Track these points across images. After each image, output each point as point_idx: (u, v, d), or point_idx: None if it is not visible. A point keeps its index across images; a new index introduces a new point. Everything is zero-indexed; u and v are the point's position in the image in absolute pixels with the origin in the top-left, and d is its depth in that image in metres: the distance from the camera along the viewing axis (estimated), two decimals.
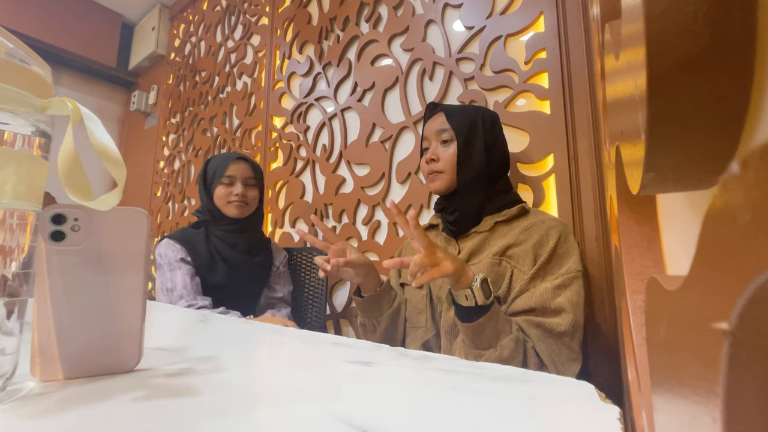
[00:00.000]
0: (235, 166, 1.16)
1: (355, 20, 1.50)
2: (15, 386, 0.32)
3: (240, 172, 1.17)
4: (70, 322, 0.34)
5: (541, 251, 0.72)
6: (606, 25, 0.37)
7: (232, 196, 1.15)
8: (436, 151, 0.83)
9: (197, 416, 0.26)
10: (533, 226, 0.75)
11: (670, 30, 0.13)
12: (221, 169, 1.15)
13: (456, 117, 0.82)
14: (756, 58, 0.11)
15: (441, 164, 0.81)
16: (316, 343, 0.48)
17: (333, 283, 1.43)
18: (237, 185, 1.15)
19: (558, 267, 0.71)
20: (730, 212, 0.09)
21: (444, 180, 0.81)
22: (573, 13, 0.99)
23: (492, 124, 0.83)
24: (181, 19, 2.65)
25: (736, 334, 0.08)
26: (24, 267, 0.30)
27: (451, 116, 0.82)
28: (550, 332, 0.65)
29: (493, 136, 0.82)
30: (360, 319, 0.89)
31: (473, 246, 0.78)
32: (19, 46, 0.28)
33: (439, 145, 0.83)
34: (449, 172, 0.80)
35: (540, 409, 0.28)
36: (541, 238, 0.73)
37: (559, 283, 0.68)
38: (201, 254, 1.12)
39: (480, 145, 0.80)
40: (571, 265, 0.70)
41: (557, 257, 0.72)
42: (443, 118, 0.83)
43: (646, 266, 0.32)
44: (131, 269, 0.37)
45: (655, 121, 0.14)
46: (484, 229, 0.79)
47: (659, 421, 0.17)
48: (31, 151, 0.29)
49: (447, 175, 0.81)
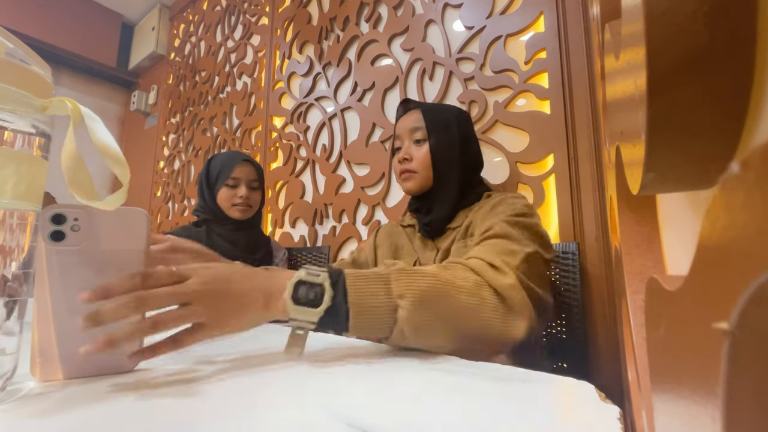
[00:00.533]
0: (240, 168, 1.16)
1: (355, 20, 1.50)
2: (15, 386, 0.32)
3: (245, 175, 1.17)
4: (70, 322, 0.34)
5: (495, 208, 0.68)
6: (606, 25, 0.37)
7: (236, 199, 1.15)
8: (409, 150, 0.80)
9: (197, 416, 0.26)
10: (493, 198, 0.73)
11: (670, 30, 0.13)
12: (227, 170, 1.15)
13: (431, 115, 0.80)
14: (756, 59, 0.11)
15: (414, 164, 0.78)
16: (315, 343, 0.48)
17: None
18: (242, 188, 1.16)
19: (506, 209, 0.66)
20: (730, 212, 0.09)
21: (417, 180, 0.79)
22: (573, 13, 0.99)
23: (465, 123, 0.81)
24: (181, 19, 2.65)
25: (736, 334, 0.08)
26: (24, 267, 0.30)
27: (426, 114, 0.80)
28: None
29: (466, 135, 0.80)
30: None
31: (449, 243, 0.75)
32: (19, 46, 0.28)
33: (412, 144, 0.80)
34: (423, 171, 0.78)
35: (540, 409, 0.28)
36: (496, 203, 0.70)
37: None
38: None
39: (455, 145, 0.78)
40: (519, 207, 0.65)
41: (507, 204, 0.67)
42: (418, 116, 0.80)
43: (646, 266, 0.32)
44: (131, 269, 0.36)
45: (655, 121, 0.14)
46: (457, 225, 0.76)
47: (659, 421, 0.17)
48: (31, 151, 0.29)
49: (420, 175, 0.78)
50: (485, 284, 0.47)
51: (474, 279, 0.47)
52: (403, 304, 0.41)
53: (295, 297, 0.40)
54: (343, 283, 0.41)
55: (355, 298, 0.40)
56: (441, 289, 0.43)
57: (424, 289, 0.42)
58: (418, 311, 0.41)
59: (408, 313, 0.40)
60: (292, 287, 0.40)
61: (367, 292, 0.41)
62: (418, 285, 0.42)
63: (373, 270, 0.44)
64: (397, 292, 0.41)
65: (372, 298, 0.41)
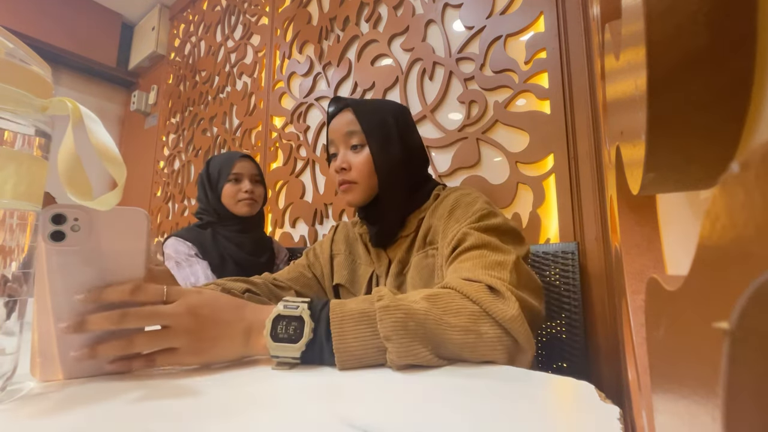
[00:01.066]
0: (241, 163, 1.18)
1: (355, 20, 1.50)
2: (15, 386, 0.32)
3: (246, 170, 1.19)
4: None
5: (453, 213, 0.63)
6: (606, 25, 0.37)
7: (241, 194, 1.16)
8: (345, 158, 0.70)
9: (197, 416, 0.26)
10: (446, 199, 0.67)
11: (670, 30, 0.13)
12: (227, 168, 1.17)
13: (366, 116, 0.70)
14: (756, 58, 0.11)
15: (354, 173, 0.69)
16: None
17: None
18: (245, 182, 1.17)
19: (464, 213, 0.61)
20: (730, 212, 0.09)
21: (358, 192, 0.69)
22: (573, 13, 0.99)
23: (404, 119, 0.73)
24: (181, 19, 2.65)
25: (736, 334, 0.08)
26: (24, 267, 0.30)
27: (360, 115, 0.70)
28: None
29: (407, 132, 0.72)
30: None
31: (402, 253, 0.69)
32: (19, 46, 0.28)
33: (348, 151, 0.70)
34: (364, 181, 0.69)
35: (540, 409, 0.28)
36: (453, 206, 0.64)
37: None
38: (211, 254, 1.13)
39: (396, 147, 0.69)
40: (479, 206, 0.61)
41: (465, 205, 0.63)
42: (351, 117, 0.70)
43: (646, 266, 0.32)
44: (131, 269, 0.36)
45: (655, 121, 0.14)
46: (409, 231, 0.70)
47: (659, 421, 0.17)
48: (31, 151, 0.29)
49: (361, 186, 0.69)
50: (484, 315, 0.42)
51: (470, 310, 0.42)
52: (391, 347, 0.38)
53: (274, 334, 0.38)
54: (327, 316, 0.40)
55: (340, 342, 0.38)
56: (431, 328, 0.39)
57: (411, 330, 0.38)
58: (406, 354, 0.38)
59: (396, 356, 0.38)
60: (270, 324, 0.38)
61: (353, 336, 0.39)
62: (405, 325, 0.38)
63: (359, 306, 0.41)
64: (383, 333, 0.38)
65: (358, 342, 0.39)
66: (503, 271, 0.49)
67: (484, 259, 0.51)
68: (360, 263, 0.78)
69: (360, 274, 0.77)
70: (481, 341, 0.41)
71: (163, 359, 0.37)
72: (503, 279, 0.48)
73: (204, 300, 0.39)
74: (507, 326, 0.42)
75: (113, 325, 0.35)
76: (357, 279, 0.77)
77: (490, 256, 0.52)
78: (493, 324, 0.42)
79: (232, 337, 0.39)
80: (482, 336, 0.41)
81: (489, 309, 0.43)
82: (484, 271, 0.49)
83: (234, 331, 0.39)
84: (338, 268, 0.79)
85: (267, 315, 0.39)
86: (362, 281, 0.76)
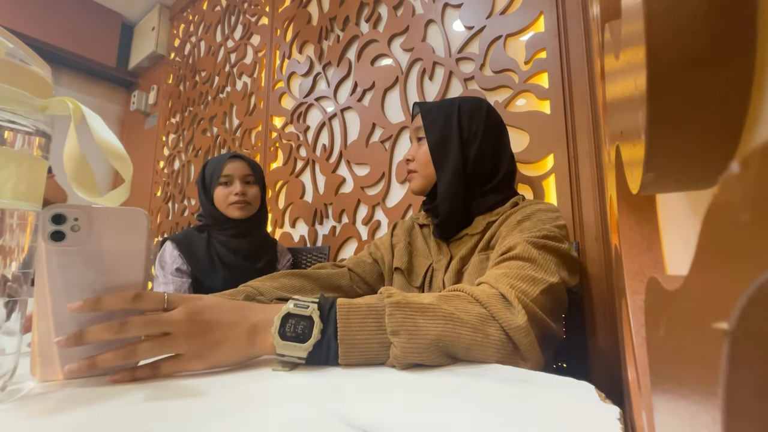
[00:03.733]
0: (231, 165, 1.15)
1: (355, 20, 1.50)
2: (15, 386, 0.32)
3: (237, 171, 1.15)
4: (70, 323, 0.34)
5: (522, 223, 0.63)
6: (606, 25, 0.37)
7: (232, 197, 1.13)
8: (412, 150, 0.80)
9: (198, 416, 0.26)
10: (522, 209, 0.66)
11: (670, 30, 0.13)
12: (218, 170, 1.14)
13: (429, 114, 0.77)
14: (756, 58, 0.11)
15: (415, 163, 0.78)
16: None
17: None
18: (235, 184, 1.14)
19: (532, 225, 0.60)
20: (730, 212, 0.09)
21: (418, 180, 0.78)
22: (573, 13, 0.99)
23: (470, 119, 0.74)
24: (181, 19, 2.65)
25: (736, 334, 0.08)
26: (24, 267, 0.30)
27: (424, 114, 0.78)
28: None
29: (470, 131, 0.74)
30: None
31: (466, 250, 0.70)
32: (19, 46, 0.28)
33: (416, 145, 0.80)
34: (422, 170, 0.77)
35: (540, 409, 0.28)
36: (525, 216, 0.64)
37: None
38: (199, 259, 1.11)
39: (454, 143, 0.73)
40: (548, 228, 0.59)
41: (537, 221, 0.62)
42: (419, 115, 0.79)
43: (646, 266, 0.32)
44: (131, 269, 0.36)
45: (655, 121, 0.14)
46: (475, 231, 0.71)
47: (659, 421, 0.17)
48: (31, 151, 0.29)
49: (420, 175, 0.77)
50: (490, 318, 0.43)
51: (478, 312, 0.43)
52: (397, 342, 0.38)
53: (282, 332, 0.38)
54: (335, 316, 0.40)
55: (345, 334, 0.38)
56: (441, 325, 0.39)
57: (420, 325, 0.39)
58: (412, 349, 0.38)
59: (401, 351, 0.37)
60: (280, 321, 0.38)
61: (358, 328, 0.39)
62: (414, 321, 0.39)
63: (367, 302, 0.41)
64: (391, 328, 0.38)
65: (363, 335, 0.39)
66: (533, 287, 0.48)
67: (520, 271, 0.50)
68: (417, 255, 0.81)
69: (417, 265, 0.80)
70: (488, 341, 0.41)
71: (167, 367, 0.36)
72: (526, 293, 0.47)
73: (205, 305, 0.39)
74: (511, 334, 0.42)
75: (113, 336, 0.34)
76: (414, 269, 0.80)
77: (529, 270, 0.51)
78: (499, 329, 0.42)
79: (236, 339, 0.38)
80: (489, 337, 0.41)
81: (496, 314, 0.43)
82: (510, 281, 0.48)
83: (238, 332, 0.39)
84: (398, 254, 0.83)
85: (273, 314, 0.39)
86: (419, 272, 0.78)
